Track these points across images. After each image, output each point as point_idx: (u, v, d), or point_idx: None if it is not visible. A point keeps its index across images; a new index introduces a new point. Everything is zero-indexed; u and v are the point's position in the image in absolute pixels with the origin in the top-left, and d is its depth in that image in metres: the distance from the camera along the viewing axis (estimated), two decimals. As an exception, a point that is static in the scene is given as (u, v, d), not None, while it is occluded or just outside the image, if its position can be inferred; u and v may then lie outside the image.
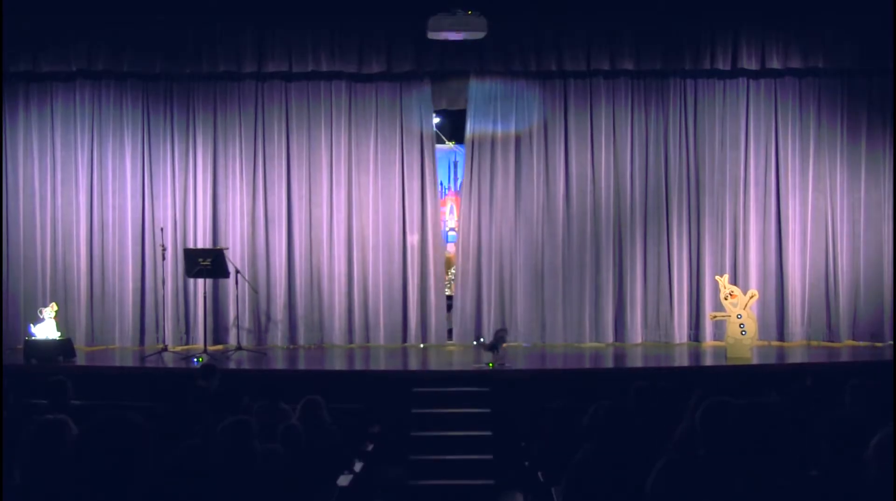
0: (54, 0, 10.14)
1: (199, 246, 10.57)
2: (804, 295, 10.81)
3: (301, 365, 9.76)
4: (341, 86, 10.86)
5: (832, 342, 10.72)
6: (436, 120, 13.10)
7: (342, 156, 10.86)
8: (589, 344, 10.70)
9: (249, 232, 10.81)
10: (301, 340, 10.78)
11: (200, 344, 10.31)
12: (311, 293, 10.82)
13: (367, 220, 10.89)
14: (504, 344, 9.15)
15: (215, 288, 10.70)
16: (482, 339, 9.78)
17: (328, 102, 10.87)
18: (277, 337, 10.77)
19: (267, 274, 10.83)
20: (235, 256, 10.37)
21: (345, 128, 10.87)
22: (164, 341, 10.43)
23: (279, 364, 9.72)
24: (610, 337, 10.80)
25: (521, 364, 9.45)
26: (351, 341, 10.78)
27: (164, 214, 10.78)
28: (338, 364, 9.89)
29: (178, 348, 10.41)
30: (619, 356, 10.15)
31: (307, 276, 10.82)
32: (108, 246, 10.79)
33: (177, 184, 10.84)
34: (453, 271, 11.44)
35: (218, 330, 10.73)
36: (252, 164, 10.84)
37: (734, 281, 10.44)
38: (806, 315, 10.82)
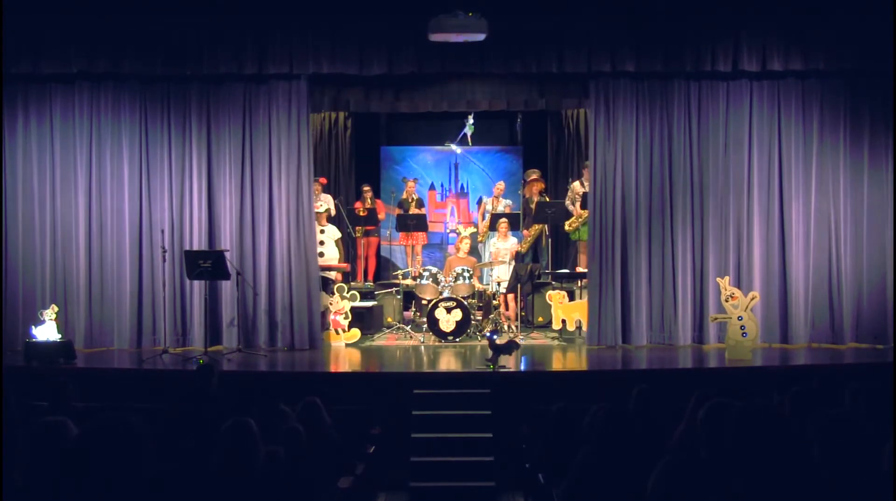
0: (56, 1, 10.16)
1: (196, 248, 10.56)
2: (807, 298, 10.78)
3: (300, 367, 9.73)
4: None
5: (836, 344, 10.67)
6: (471, 120, 13.37)
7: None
8: (595, 345, 10.66)
9: (237, 234, 10.77)
10: (290, 343, 10.69)
11: (197, 346, 10.32)
12: (296, 295, 10.76)
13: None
14: (510, 355, 9.05)
15: (212, 290, 10.69)
16: (494, 337, 9.31)
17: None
18: (269, 339, 10.69)
19: (254, 276, 10.77)
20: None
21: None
22: (162, 343, 10.40)
23: (278, 365, 9.70)
24: (616, 340, 10.72)
25: (522, 365, 9.44)
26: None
27: (161, 216, 10.77)
28: (338, 365, 9.88)
29: (178, 350, 10.40)
30: (624, 358, 10.10)
31: (287, 279, 10.75)
32: (106, 247, 10.77)
33: (173, 187, 10.82)
34: (454, 272, 11.41)
35: (215, 331, 10.71)
36: (240, 167, 10.80)
37: (738, 284, 10.43)
38: (809, 317, 10.78)
